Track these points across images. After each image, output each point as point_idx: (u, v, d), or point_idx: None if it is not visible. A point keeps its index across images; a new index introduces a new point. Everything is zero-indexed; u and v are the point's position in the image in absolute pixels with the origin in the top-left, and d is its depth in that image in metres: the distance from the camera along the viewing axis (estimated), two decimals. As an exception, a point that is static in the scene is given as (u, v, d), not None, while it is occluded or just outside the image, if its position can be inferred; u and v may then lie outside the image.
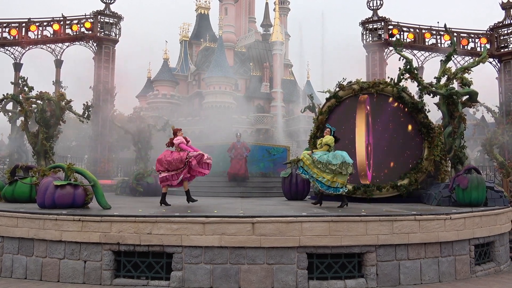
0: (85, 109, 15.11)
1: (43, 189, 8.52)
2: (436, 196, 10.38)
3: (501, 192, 10.07)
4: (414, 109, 11.57)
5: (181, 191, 17.03)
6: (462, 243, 7.94)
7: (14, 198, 10.16)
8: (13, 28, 20.92)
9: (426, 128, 11.52)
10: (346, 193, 11.66)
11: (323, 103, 12.88)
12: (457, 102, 10.57)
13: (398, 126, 11.80)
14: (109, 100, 21.29)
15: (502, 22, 21.81)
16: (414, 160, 11.57)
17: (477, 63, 10.97)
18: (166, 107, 47.45)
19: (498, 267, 8.66)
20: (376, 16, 22.60)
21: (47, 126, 13.44)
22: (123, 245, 7.23)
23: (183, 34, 54.49)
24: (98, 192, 8.61)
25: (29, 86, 13.85)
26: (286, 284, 7.02)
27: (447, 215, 7.82)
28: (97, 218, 7.34)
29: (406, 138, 11.73)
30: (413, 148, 11.67)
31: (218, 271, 7.04)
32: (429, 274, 7.55)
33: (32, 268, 7.57)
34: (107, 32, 21.61)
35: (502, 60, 21.84)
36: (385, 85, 11.86)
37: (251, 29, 55.63)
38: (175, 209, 8.70)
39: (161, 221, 7.17)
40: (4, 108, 18.31)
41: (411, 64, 10.97)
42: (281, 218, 7.18)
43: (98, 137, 20.92)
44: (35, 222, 7.59)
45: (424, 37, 22.24)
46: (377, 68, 22.16)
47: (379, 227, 7.32)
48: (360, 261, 7.38)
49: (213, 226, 7.08)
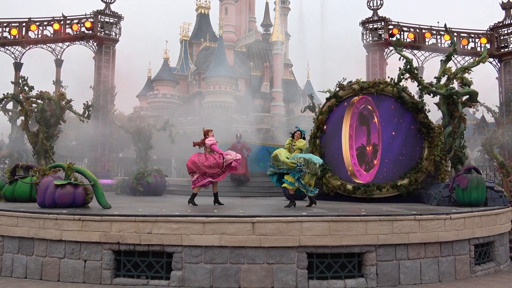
0: (85, 109, 15.14)
1: (43, 188, 8.53)
2: (436, 196, 10.39)
3: (501, 192, 10.08)
4: (414, 109, 11.58)
5: (183, 190, 17.07)
6: (462, 243, 7.95)
7: (14, 198, 10.17)
8: (14, 28, 20.91)
9: (426, 128, 11.52)
10: (346, 193, 11.73)
11: (323, 103, 12.90)
12: (457, 102, 10.57)
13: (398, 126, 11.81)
14: (109, 99, 21.30)
15: (502, 22, 21.81)
16: (414, 160, 11.58)
17: (477, 63, 10.98)
18: (166, 107, 47.46)
19: (498, 267, 8.67)
20: (376, 16, 22.59)
21: (47, 125, 13.45)
22: (123, 244, 7.23)
23: (183, 34, 54.47)
24: (98, 192, 8.62)
25: (30, 86, 13.86)
26: (286, 284, 7.02)
27: (447, 215, 7.82)
28: (97, 217, 7.34)
29: (407, 138, 11.74)
30: (413, 147, 11.68)
31: (218, 271, 7.04)
32: (429, 274, 7.55)
33: (32, 268, 7.57)
34: (107, 32, 21.60)
35: (502, 60, 21.83)
36: (385, 85, 11.87)
37: (251, 28, 55.61)
38: (175, 209, 8.70)
39: (161, 220, 7.18)
40: (5, 107, 18.29)
41: (411, 64, 10.98)
42: (281, 218, 7.18)
43: (98, 137, 20.93)
44: (35, 221, 7.59)
45: (424, 37, 22.23)
46: (377, 68, 22.15)
47: (379, 227, 7.33)
48: (360, 260, 7.38)
49: (213, 226, 7.09)
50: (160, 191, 16.10)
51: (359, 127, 12.10)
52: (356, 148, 12.03)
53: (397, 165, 11.64)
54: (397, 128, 11.78)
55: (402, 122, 11.79)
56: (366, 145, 11.99)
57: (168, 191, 16.91)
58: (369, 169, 11.86)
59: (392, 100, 11.89)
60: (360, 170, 11.92)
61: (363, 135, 12.05)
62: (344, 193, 11.80)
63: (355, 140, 12.04)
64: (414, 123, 11.70)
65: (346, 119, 12.17)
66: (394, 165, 11.66)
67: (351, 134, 12.07)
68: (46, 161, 13.14)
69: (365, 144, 11.99)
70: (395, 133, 11.75)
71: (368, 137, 11.98)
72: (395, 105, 11.86)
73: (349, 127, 12.12)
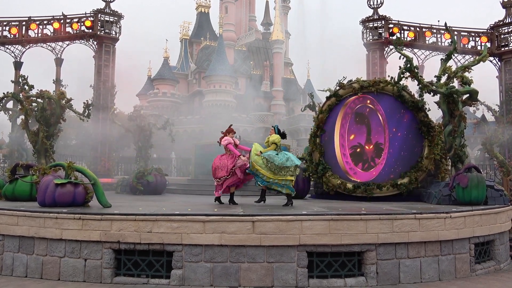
0: (86, 108, 15.12)
1: (44, 187, 8.53)
2: (436, 195, 10.38)
3: (501, 190, 10.07)
4: (414, 108, 11.57)
5: (183, 189, 17.08)
6: (462, 241, 7.95)
7: (14, 197, 10.17)
8: (14, 27, 20.91)
9: (426, 126, 11.52)
10: (347, 192, 11.74)
11: (324, 102, 12.90)
12: (457, 100, 10.57)
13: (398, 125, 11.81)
14: (110, 98, 21.31)
15: (503, 20, 21.78)
16: (414, 159, 11.58)
17: (478, 62, 10.97)
18: (167, 106, 47.52)
19: (498, 265, 8.67)
20: (377, 14, 22.58)
21: (47, 124, 13.45)
22: (123, 243, 7.23)
23: (183, 33, 54.49)
24: (98, 191, 8.62)
25: (30, 85, 13.85)
26: (286, 283, 7.03)
27: (447, 213, 7.82)
28: (97, 216, 7.34)
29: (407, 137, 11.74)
30: (413, 146, 11.67)
31: (218, 270, 7.05)
32: (429, 272, 7.55)
33: (32, 267, 7.58)
34: (108, 31, 21.59)
35: (502, 59, 21.81)
36: (385, 84, 11.86)
37: (252, 27, 55.63)
38: (175, 208, 8.70)
39: (161, 219, 7.17)
40: (5, 106, 18.29)
41: (411, 62, 10.97)
42: (281, 216, 7.18)
43: (98, 136, 20.93)
44: (36, 220, 7.60)
45: (424, 35, 22.22)
46: (377, 66, 22.15)
47: (379, 225, 7.33)
48: (360, 259, 7.38)
49: (213, 225, 7.09)
50: (160, 190, 16.11)
51: (355, 126, 12.10)
52: (350, 147, 12.06)
53: (398, 164, 11.64)
54: (397, 127, 11.78)
55: (402, 121, 11.78)
56: (365, 144, 11.98)
57: (168, 190, 16.92)
58: (368, 168, 11.85)
59: (392, 98, 11.88)
60: (354, 169, 11.93)
61: (360, 134, 12.04)
62: (344, 192, 11.81)
63: (348, 139, 12.09)
64: (414, 122, 11.69)
65: (338, 119, 12.28)
66: (394, 163, 11.66)
67: (342, 133, 12.17)
68: (46, 160, 13.14)
69: (364, 143, 11.98)
70: (395, 131, 11.74)
71: (368, 136, 11.97)
72: (395, 103, 11.86)
73: (340, 127, 12.23)
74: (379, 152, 11.81)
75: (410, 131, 11.74)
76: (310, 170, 12.55)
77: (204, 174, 17.90)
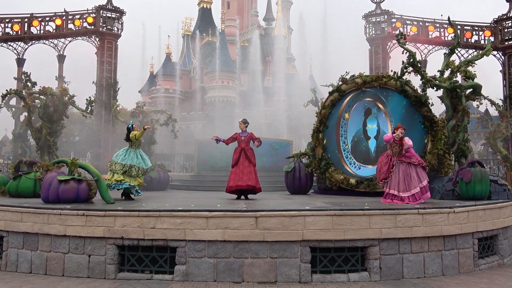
0: (88, 104, 15.15)
1: (47, 184, 8.55)
2: (439, 190, 10.37)
3: (504, 185, 10.04)
4: (417, 103, 11.52)
5: (186, 185, 17.10)
6: (465, 236, 7.93)
7: (18, 193, 10.21)
8: (16, 24, 20.95)
9: (430, 121, 11.47)
10: (350, 187, 11.72)
11: (326, 97, 12.86)
12: (460, 95, 10.52)
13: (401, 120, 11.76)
14: (112, 95, 21.34)
15: (506, 14, 21.65)
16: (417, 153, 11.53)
17: (481, 56, 10.90)
18: (169, 102, 47.51)
19: (502, 260, 8.66)
20: (379, 9, 22.49)
21: (50, 121, 13.49)
22: (127, 239, 7.25)
23: (185, 29, 54.40)
24: (101, 187, 8.64)
25: (32, 81, 13.90)
26: (290, 278, 7.04)
27: (450, 208, 7.81)
28: (101, 212, 7.36)
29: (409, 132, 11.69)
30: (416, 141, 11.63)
31: (222, 265, 7.06)
32: (432, 267, 7.55)
33: (37, 263, 7.62)
34: (110, 27, 21.62)
35: (506, 53, 21.70)
36: (388, 79, 11.80)
37: (254, 23, 55.47)
38: (178, 204, 8.72)
39: (165, 215, 7.19)
40: (8, 103, 18.35)
41: (414, 57, 10.91)
42: (284, 212, 7.19)
43: (101, 132, 20.98)
44: (40, 217, 7.63)
45: (427, 30, 22.15)
46: (380, 61, 22.10)
47: (382, 220, 7.32)
48: (363, 254, 7.38)
49: (216, 220, 7.10)
50: (163, 186, 16.13)
51: (358, 121, 12.07)
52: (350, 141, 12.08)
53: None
54: (400, 122, 11.69)
55: (405, 116, 11.73)
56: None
57: (171, 186, 16.95)
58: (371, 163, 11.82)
59: (395, 93, 11.83)
60: (357, 164, 11.95)
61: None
62: (347, 187, 11.79)
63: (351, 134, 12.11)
64: (417, 116, 11.64)
65: (341, 114, 12.25)
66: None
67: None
68: (50, 157, 13.20)
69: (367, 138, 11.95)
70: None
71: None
72: (398, 98, 11.80)
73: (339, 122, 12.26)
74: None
75: (413, 126, 11.69)
76: (313, 166, 12.54)
77: (207, 170, 17.94)
